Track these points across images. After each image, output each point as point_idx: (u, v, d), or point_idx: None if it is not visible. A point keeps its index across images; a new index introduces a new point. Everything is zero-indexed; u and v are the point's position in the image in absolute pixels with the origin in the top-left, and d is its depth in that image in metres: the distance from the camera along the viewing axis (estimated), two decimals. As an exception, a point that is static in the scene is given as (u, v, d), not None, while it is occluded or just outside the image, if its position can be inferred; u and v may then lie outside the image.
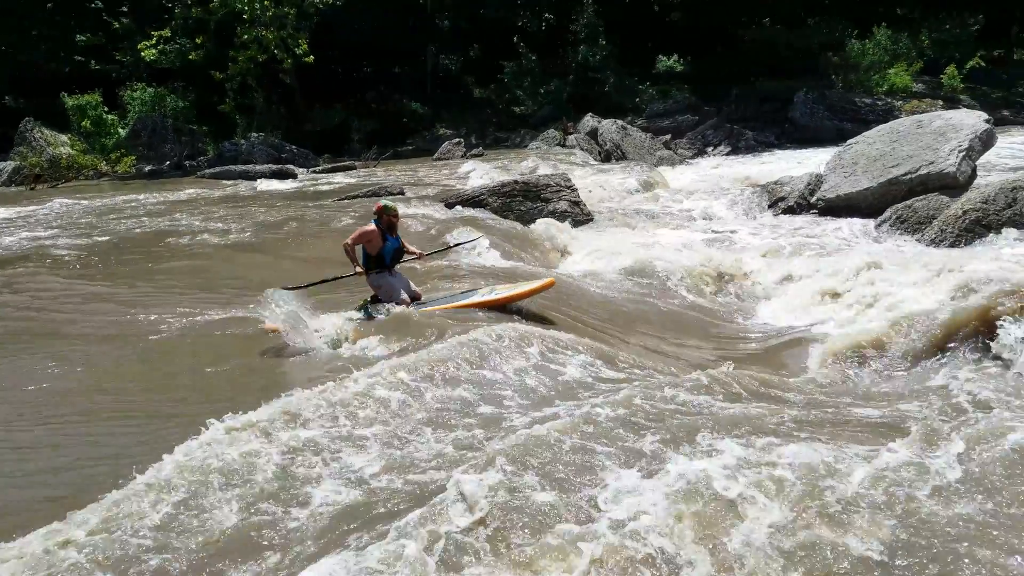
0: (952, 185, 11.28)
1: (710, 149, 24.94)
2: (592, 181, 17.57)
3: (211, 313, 7.26)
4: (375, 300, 6.62)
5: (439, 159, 24.15)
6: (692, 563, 3.15)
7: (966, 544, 3.32)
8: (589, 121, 25.04)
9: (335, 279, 6.75)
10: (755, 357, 6.95)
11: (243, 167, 22.06)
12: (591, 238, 12.09)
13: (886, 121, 15.45)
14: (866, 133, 13.70)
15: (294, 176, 21.64)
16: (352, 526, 3.48)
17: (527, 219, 13.08)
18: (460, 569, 3.06)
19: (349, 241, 6.45)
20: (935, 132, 12.07)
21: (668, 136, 25.38)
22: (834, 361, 6.53)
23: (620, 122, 23.82)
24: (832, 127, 23.01)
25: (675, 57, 27.34)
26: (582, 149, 23.89)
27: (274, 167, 22.01)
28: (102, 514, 3.44)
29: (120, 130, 26.65)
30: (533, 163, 20.80)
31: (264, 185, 19.66)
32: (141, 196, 17.99)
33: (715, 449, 4.18)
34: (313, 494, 3.77)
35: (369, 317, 6.45)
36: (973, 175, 11.87)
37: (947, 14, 30.20)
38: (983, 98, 26.90)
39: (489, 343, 5.82)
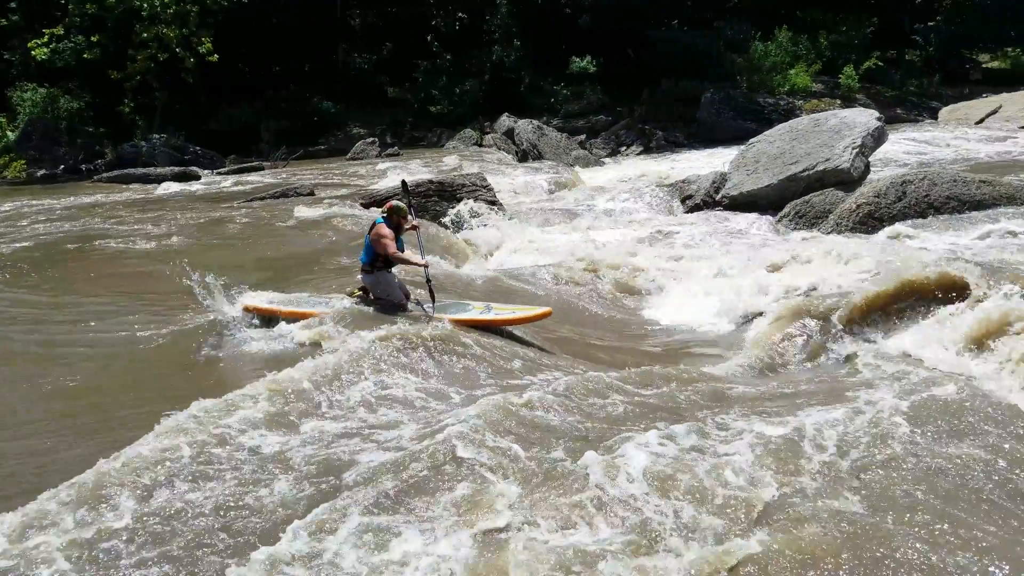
0: (847, 180, 11.80)
1: (623, 148, 25.40)
2: (509, 180, 17.59)
3: (141, 321, 7.11)
4: (365, 295, 6.67)
5: (352, 159, 23.71)
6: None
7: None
8: (505, 121, 25.09)
9: (429, 281, 6.65)
10: (657, 354, 7.07)
11: (144, 170, 21.07)
12: (506, 236, 12.09)
13: (788, 120, 16.05)
14: (767, 132, 14.20)
15: (198, 178, 20.81)
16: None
17: (442, 218, 12.99)
18: None
19: (393, 250, 6.42)
20: (831, 130, 12.60)
21: (583, 136, 25.70)
22: (749, 350, 6.77)
23: (536, 122, 23.96)
24: (738, 126, 23.77)
25: (587, 58, 27.68)
26: (499, 149, 23.93)
27: (177, 169, 21.11)
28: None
29: (9, 133, 25.04)
30: (450, 162, 20.69)
31: (166, 188, 18.82)
32: (36, 202, 16.91)
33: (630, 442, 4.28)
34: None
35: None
36: (867, 170, 12.45)
37: (844, 17, 31.73)
38: (877, 97, 28.39)
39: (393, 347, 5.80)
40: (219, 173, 22.19)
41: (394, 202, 6.63)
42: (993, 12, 32.94)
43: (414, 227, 6.91)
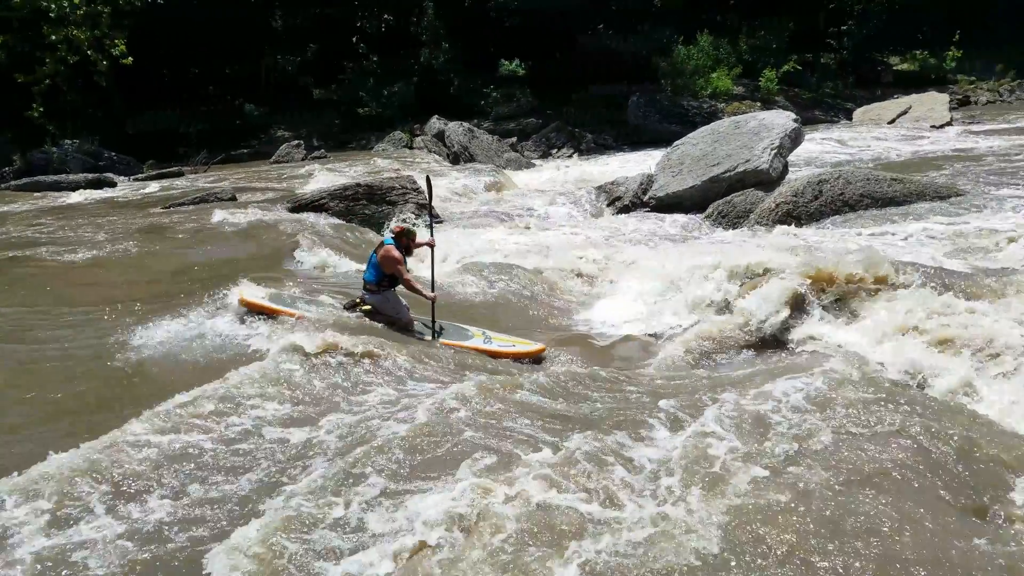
0: (766, 181, 12.18)
1: (554, 151, 25.56)
2: (441, 183, 17.48)
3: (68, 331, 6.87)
4: (371, 314, 6.68)
5: (277, 162, 23.15)
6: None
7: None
8: (436, 123, 24.93)
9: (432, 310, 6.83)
10: (592, 353, 7.13)
11: (55, 177, 20.03)
12: (439, 240, 11.98)
13: (711, 122, 16.46)
14: (691, 135, 14.53)
15: (113, 184, 19.94)
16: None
17: (372, 223, 12.80)
18: None
19: (407, 276, 6.58)
20: (750, 132, 12.98)
21: (514, 138, 25.76)
22: (674, 351, 6.90)
23: (467, 124, 23.88)
24: (664, 128, 24.22)
25: (516, 61, 27.77)
26: (430, 151, 23.74)
27: (91, 176, 20.14)
28: None
29: (-95, 140, 23.44)
30: (378, 165, 20.43)
31: (81, 195, 17.97)
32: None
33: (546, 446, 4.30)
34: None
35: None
36: (785, 171, 12.87)
37: (762, 22, 32.77)
38: (795, 99, 29.41)
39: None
40: (137, 179, 21.31)
41: (405, 225, 6.84)
42: (901, 17, 34.62)
43: (430, 244, 7.04)
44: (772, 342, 6.74)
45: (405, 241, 6.67)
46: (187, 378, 5.58)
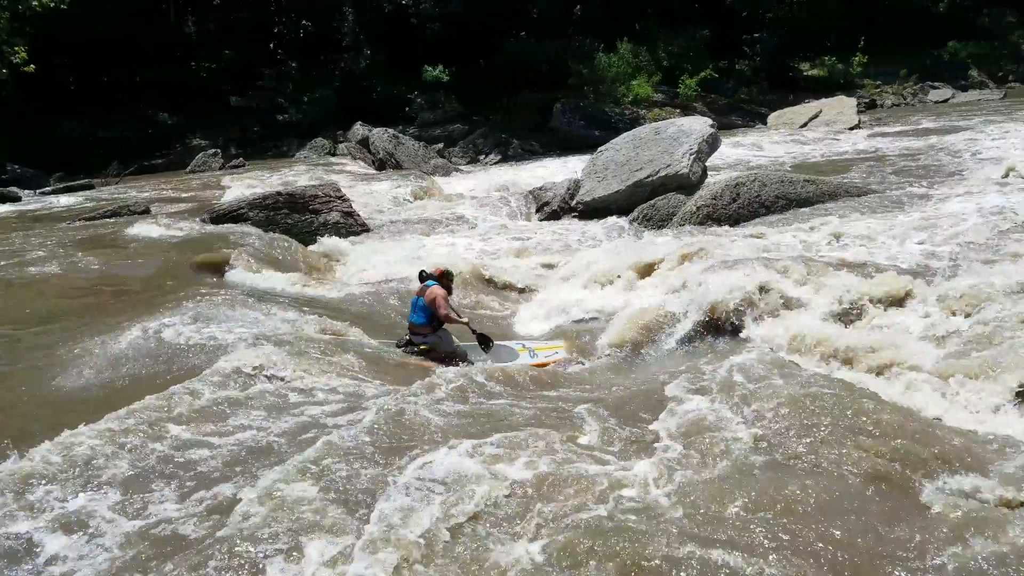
0: (687, 185, 12.50)
1: (482, 157, 25.57)
2: (365, 190, 17.24)
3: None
4: (428, 353, 6.78)
5: (193, 172, 22.39)
6: None
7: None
8: (359, 129, 24.56)
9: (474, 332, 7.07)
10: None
11: (-49, 191, 18.87)
12: (368, 249, 11.81)
13: (633, 128, 16.78)
14: (614, 140, 14.77)
15: (18, 199, 18.87)
16: None
17: (295, 233, 12.47)
18: None
19: (449, 313, 6.76)
20: (670, 138, 13.30)
21: (441, 144, 25.65)
22: (610, 347, 6.99)
23: (391, 131, 23.62)
24: (588, 135, 24.47)
25: (440, 67, 27.67)
26: (354, 158, 23.38)
27: (-8, 189, 19.07)
28: None
29: None
30: (301, 173, 20.01)
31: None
32: None
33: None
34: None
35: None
36: (704, 175, 13.24)
37: (679, 30, 33.64)
38: (713, 105, 30.26)
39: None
40: (44, 193, 20.23)
41: (445, 267, 7.10)
42: (810, 24, 36.12)
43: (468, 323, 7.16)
44: (697, 338, 6.91)
45: (446, 282, 6.90)
46: (99, 402, 5.32)
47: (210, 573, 3.37)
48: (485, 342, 6.96)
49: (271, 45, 28.56)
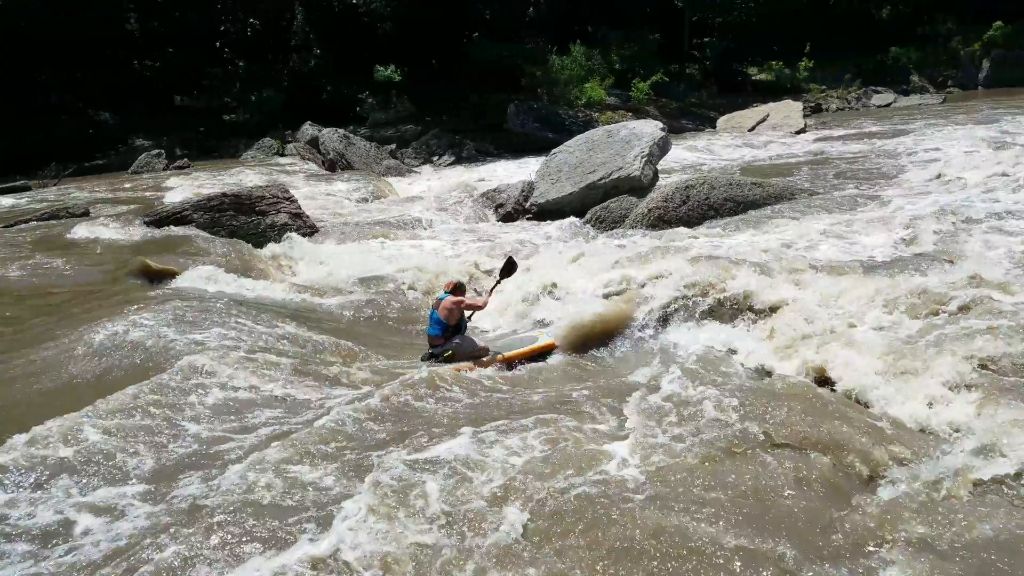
0: (639, 187, 12.59)
1: (435, 158, 25.39)
2: (316, 191, 16.96)
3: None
4: (454, 358, 6.85)
5: (136, 173, 21.73)
6: None
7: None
8: (308, 130, 24.15)
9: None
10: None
11: None
12: (316, 251, 11.57)
13: (586, 131, 16.84)
14: (567, 143, 14.80)
15: (-53, 201, 18.07)
16: None
17: (241, 235, 12.13)
18: None
19: (465, 303, 6.92)
20: (622, 140, 13.37)
21: (393, 145, 25.39)
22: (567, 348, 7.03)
23: (342, 131, 23.27)
24: (542, 137, 24.57)
25: (392, 67, 27.42)
26: (304, 159, 22.98)
27: (-81, 192, 18.19)
28: None
29: None
30: (248, 174, 19.58)
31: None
32: None
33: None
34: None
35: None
36: (656, 177, 13.35)
37: (631, 33, 34.00)
38: (665, 109, 30.67)
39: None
40: (-27, 194, 19.41)
41: (457, 279, 7.35)
42: (757, 29, 36.92)
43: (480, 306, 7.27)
44: (645, 338, 6.97)
45: (459, 294, 7.01)
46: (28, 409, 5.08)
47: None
48: (508, 267, 7.40)
49: (217, 44, 27.95)
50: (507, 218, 14.12)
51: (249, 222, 12.48)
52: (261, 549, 3.63)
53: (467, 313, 7.04)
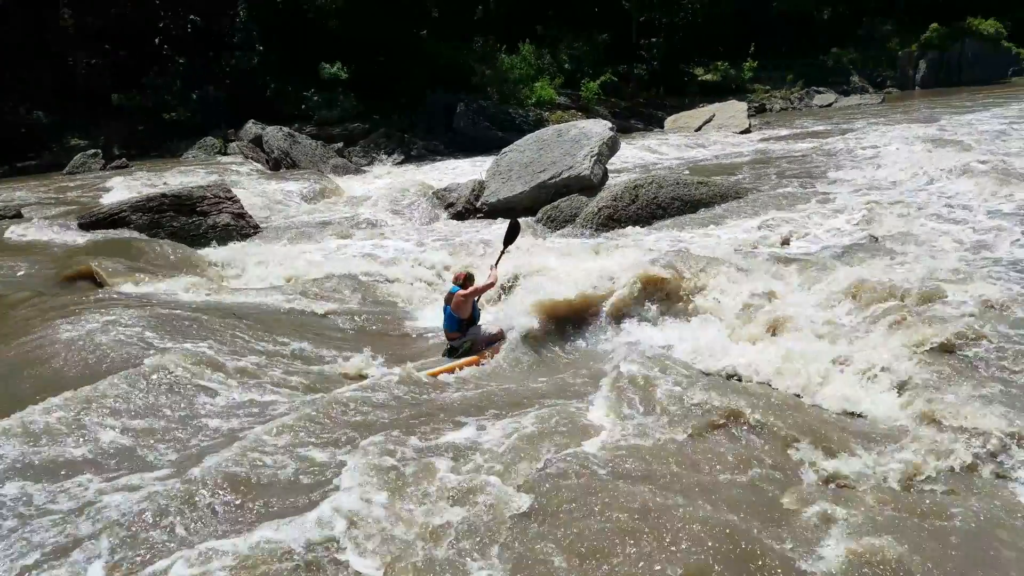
0: (589, 186, 12.63)
1: (384, 157, 25.08)
2: (260, 191, 16.57)
3: None
4: (475, 347, 6.99)
5: (71, 174, 20.89)
6: None
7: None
8: (252, 128, 23.59)
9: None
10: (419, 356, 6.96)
11: None
12: (259, 252, 11.27)
13: (537, 130, 16.84)
14: (517, 142, 14.77)
15: None
16: None
17: (182, 236, 11.78)
18: None
19: (476, 287, 6.99)
20: (572, 140, 13.40)
21: (340, 144, 24.99)
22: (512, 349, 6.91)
23: (287, 129, 22.81)
24: (492, 135, 24.51)
25: (338, 64, 26.97)
26: (247, 157, 22.42)
27: None
28: None
29: None
30: (189, 173, 19.03)
31: None
32: None
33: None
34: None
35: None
36: (605, 176, 13.40)
37: (579, 33, 34.17)
38: (614, 108, 30.90)
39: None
40: None
41: (468, 271, 7.25)
42: (703, 30, 37.51)
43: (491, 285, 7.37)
44: (591, 339, 6.98)
45: (469, 285, 7.04)
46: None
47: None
48: (512, 231, 7.55)
49: (156, 41, 27.06)
50: (458, 217, 14.01)
51: (190, 223, 12.15)
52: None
53: (477, 299, 7.11)
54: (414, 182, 18.43)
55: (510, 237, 7.53)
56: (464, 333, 6.99)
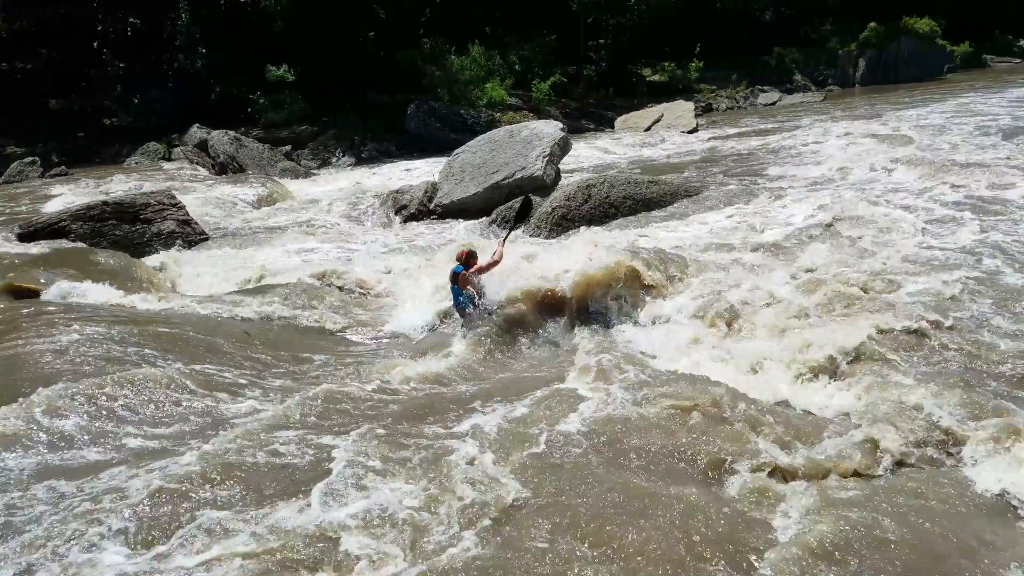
0: (542, 186, 12.66)
1: (334, 159, 24.79)
2: (206, 196, 16.19)
3: None
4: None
5: (8, 183, 20.15)
6: None
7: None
8: (197, 132, 23.07)
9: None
10: (370, 362, 6.84)
11: None
12: (207, 259, 11.00)
13: (489, 131, 16.80)
14: (469, 143, 14.72)
15: None
16: None
17: (125, 245, 11.44)
18: None
19: (481, 266, 7.23)
20: (523, 141, 13.41)
21: (289, 147, 24.61)
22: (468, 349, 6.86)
23: (233, 133, 22.35)
24: (444, 137, 24.39)
25: (284, 67, 26.53)
26: (192, 162, 21.92)
27: None
28: None
29: None
30: (131, 180, 18.50)
31: None
32: None
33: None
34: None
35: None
36: (558, 177, 13.45)
37: (528, 34, 34.22)
38: (565, 109, 31.02)
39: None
40: None
41: (468, 248, 7.49)
42: (650, 31, 37.94)
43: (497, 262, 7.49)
44: (544, 340, 6.99)
45: (473, 262, 7.25)
46: None
47: None
48: (525, 208, 7.91)
49: (95, 44, 26.24)
50: (411, 219, 13.91)
51: (133, 231, 11.81)
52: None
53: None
54: (365, 184, 18.31)
55: (522, 215, 7.80)
56: (476, 308, 7.24)
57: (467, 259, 7.26)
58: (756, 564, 3.55)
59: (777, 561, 3.52)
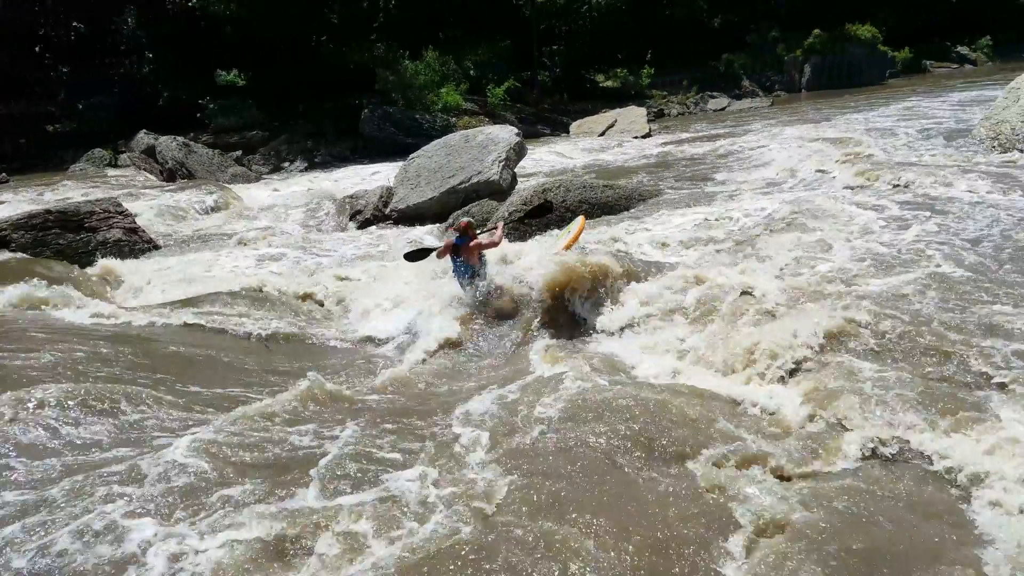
0: (498, 191, 12.67)
1: (286, 164, 24.45)
2: (153, 204, 15.78)
3: None
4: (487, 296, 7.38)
5: (-57, 191, 19.38)
6: None
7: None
8: (144, 138, 22.52)
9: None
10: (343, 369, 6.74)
11: None
12: (155, 268, 10.70)
13: (445, 135, 16.74)
14: (425, 148, 14.65)
15: None
16: None
17: (69, 254, 11.07)
18: None
19: (481, 242, 7.38)
20: (479, 145, 13.41)
21: (239, 152, 24.18)
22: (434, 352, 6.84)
23: (181, 139, 21.89)
24: (399, 141, 24.24)
25: (235, 71, 26.10)
26: (139, 169, 21.42)
27: None
28: None
29: None
30: (76, 188, 17.95)
31: None
32: None
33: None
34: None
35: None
36: (514, 181, 13.48)
37: (481, 38, 34.28)
38: (520, 114, 31.15)
39: None
40: None
41: (466, 220, 7.57)
42: (602, 38, 38.39)
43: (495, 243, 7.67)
44: (509, 342, 6.97)
45: (472, 232, 7.34)
46: None
47: None
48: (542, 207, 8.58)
49: (37, 48, 25.42)
50: (366, 224, 13.76)
51: (78, 240, 11.44)
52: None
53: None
54: (318, 189, 18.06)
55: (539, 212, 8.57)
56: (483, 276, 7.34)
57: (467, 229, 7.35)
58: (724, 549, 3.67)
59: (737, 549, 3.66)
